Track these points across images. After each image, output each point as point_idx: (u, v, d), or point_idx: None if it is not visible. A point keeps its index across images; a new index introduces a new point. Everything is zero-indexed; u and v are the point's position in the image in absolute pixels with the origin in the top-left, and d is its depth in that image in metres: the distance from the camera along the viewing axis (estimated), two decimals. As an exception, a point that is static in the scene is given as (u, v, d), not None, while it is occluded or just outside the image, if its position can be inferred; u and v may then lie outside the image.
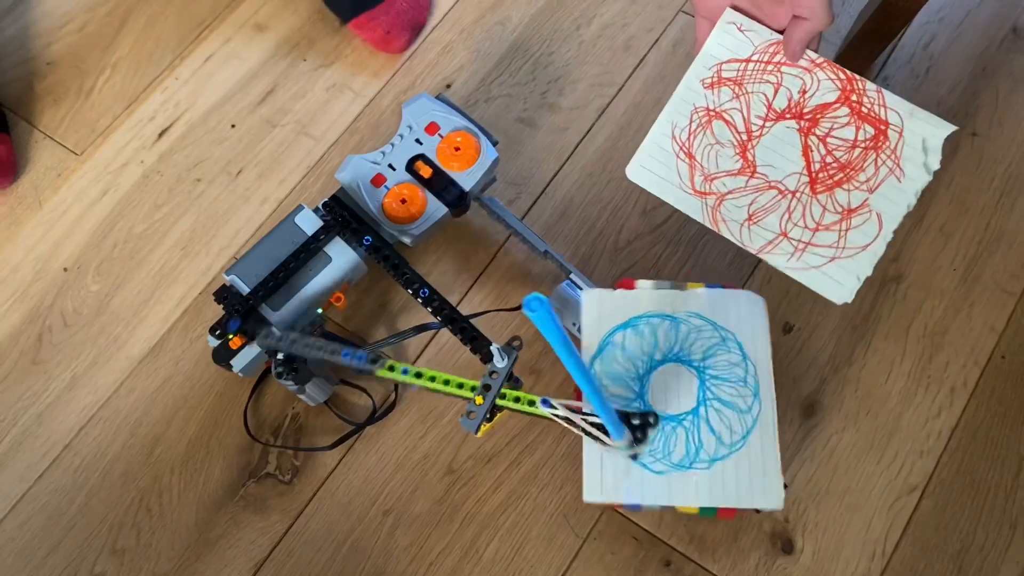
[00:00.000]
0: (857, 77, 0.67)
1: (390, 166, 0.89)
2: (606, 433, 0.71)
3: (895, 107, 0.66)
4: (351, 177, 0.89)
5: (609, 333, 0.79)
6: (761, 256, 0.68)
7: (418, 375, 0.76)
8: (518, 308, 0.91)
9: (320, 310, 0.86)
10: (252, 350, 0.83)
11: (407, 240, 0.87)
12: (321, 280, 0.84)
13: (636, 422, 0.73)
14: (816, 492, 0.84)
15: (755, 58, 0.69)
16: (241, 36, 1.10)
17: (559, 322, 0.52)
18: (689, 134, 0.70)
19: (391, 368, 0.76)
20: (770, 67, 0.69)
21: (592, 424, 0.71)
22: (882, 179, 0.66)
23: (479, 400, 0.73)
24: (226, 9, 1.11)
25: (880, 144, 0.66)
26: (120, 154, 1.03)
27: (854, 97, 0.67)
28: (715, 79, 0.70)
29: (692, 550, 0.82)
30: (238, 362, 0.83)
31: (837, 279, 0.66)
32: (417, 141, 0.90)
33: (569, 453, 0.86)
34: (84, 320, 0.95)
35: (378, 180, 0.89)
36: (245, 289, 0.83)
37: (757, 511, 0.76)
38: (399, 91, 1.05)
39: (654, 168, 0.71)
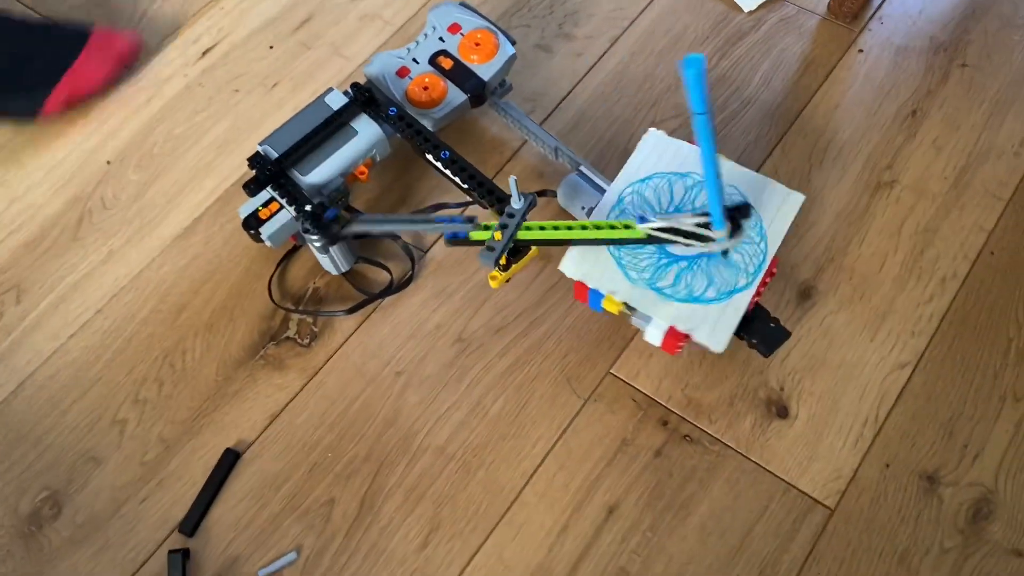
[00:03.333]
0: None
1: (414, 60, 0.96)
2: (703, 237, 0.74)
3: None
4: (378, 69, 0.96)
5: (644, 179, 0.83)
6: None
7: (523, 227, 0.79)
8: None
9: (343, 179, 0.91)
10: (280, 219, 0.89)
11: (428, 123, 0.93)
12: (348, 150, 0.90)
13: (732, 213, 0.74)
14: (811, 365, 0.87)
15: None
16: (283, -25, 1.19)
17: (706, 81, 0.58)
18: None
19: (486, 227, 0.79)
20: None
21: (694, 226, 0.74)
22: None
23: (497, 236, 0.78)
24: (270, -47, 1.21)
25: None
26: (165, 69, 1.11)
27: None
28: None
29: (689, 411, 0.85)
30: (267, 228, 0.89)
31: None
32: (440, 39, 0.97)
33: (575, 326, 0.90)
34: (122, 204, 1.01)
35: (403, 72, 0.96)
36: (276, 156, 0.89)
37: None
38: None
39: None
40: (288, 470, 0.85)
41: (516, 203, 0.78)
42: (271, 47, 1.12)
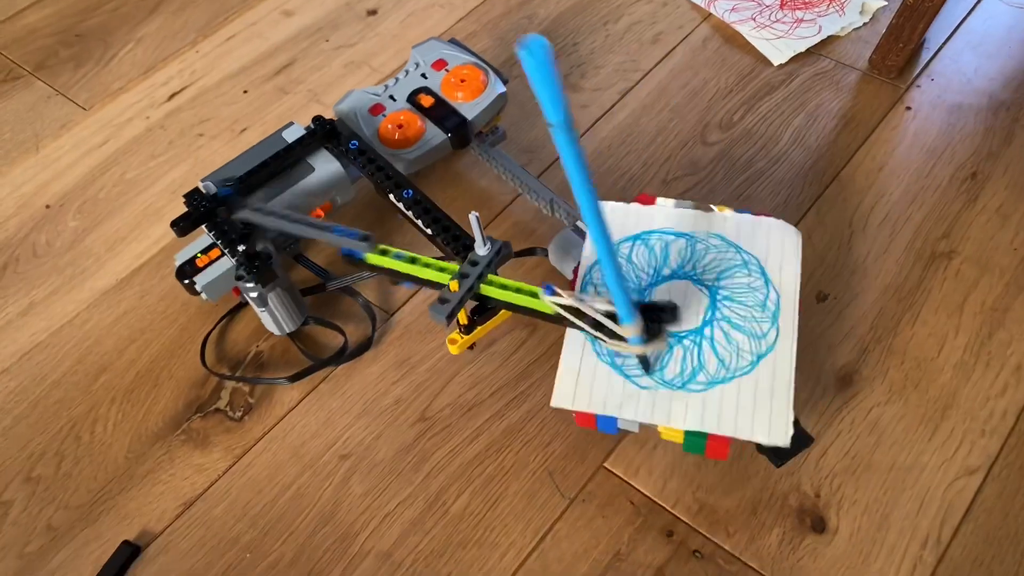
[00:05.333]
0: None
1: (391, 97, 0.84)
2: (616, 324, 0.60)
3: None
4: (348, 106, 0.84)
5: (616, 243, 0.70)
6: None
7: (413, 260, 0.67)
8: (522, 253, 0.82)
9: (296, 226, 0.78)
10: (218, 267, 0.76)
11: (401, 166, 0.81)
12: (301, 189, 0.77)
13: (651, 314, 0.61)
14: (855, 467, 0.70)
15: None
16: (268, 20, 1.09)
17: (555, 71, 0.41)
18: None
19: (383, 252, 0.67)
20: None
21: (602, 314, 0.60)
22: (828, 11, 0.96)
23: (454, 286, 0.64)
24: (258, -1, 1.12)
25: None
26: (127, 111, 1.01)
27: None
28: None
29: (700, 520, 0.68)
30: (202, 279, 0.75)
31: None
32: (423, 76, 0.85)
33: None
34: (55, 252, 0.88)
35: (376, 109, 0.84)
36: (215, 192, 0.76)
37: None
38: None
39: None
40: (197, 571, 0.68)
41: (480, 249, 0.64)
42: (245, 91, 1.02)
